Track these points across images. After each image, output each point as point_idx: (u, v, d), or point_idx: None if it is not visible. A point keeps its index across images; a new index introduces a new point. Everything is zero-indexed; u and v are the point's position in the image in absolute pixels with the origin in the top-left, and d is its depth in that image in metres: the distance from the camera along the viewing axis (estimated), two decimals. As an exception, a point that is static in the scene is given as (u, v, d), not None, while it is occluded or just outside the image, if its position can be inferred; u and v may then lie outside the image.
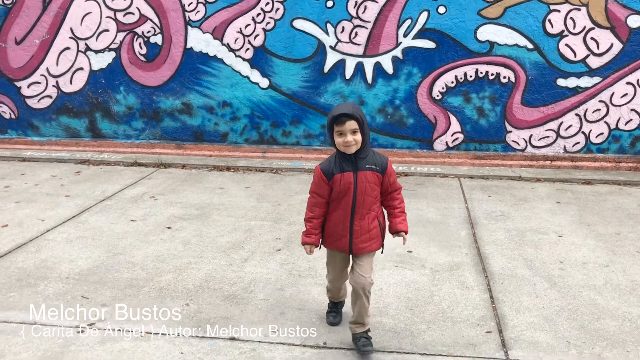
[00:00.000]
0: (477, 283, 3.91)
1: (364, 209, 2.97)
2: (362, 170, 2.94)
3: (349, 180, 2.93)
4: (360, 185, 2.93)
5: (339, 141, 2.88)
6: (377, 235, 3.06)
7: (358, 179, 2.93)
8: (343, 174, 2.93)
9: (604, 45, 6.51)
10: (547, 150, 6.92)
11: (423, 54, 6.77)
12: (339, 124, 2.84)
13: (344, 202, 2.96)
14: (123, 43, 7.22)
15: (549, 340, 3.22)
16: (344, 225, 3.00)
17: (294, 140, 7.29)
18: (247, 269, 4.12)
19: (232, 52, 7.05)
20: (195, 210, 5.36)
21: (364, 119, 2.89)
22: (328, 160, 3.03)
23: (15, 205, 5.44)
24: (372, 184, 2.96)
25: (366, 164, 2.95)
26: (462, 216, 5.24)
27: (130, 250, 4.45)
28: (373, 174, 2.96)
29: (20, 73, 7.51)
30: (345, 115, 2.81)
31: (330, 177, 2.96)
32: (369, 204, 2.98)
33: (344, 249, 3.05)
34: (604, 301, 3.67)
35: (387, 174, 3.01)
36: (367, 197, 2.95)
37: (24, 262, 4.21)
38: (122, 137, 7.60)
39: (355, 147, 2.88)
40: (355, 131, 2.84)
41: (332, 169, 2.96)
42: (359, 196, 2.94)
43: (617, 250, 4.49)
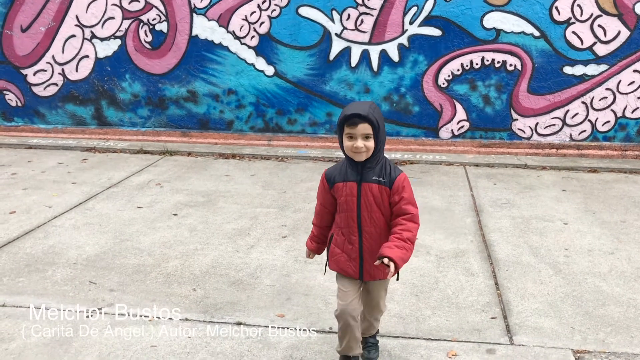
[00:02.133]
0: (482, 270, 3.92)
1: (373, 227, 2.53)
2: (367, 182, 2.49)
3: (352, 192, 2.52)
4: (364, 200, 2.51)
5: (347, 145, 2.44)
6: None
7: (362, 191, 2.50)
8: (346, 184, 2.53)
9: (611, 32, 6.47)
10: (553, 139, 6.90)
11: (429, 42, 6.75)
12: (351, 126, 2.40)
13: (349, 218, 2.55)
14: (128, 31, 7.22)
15: (553, 326, 3.24)
16: (352, 246, 2.58)
17: (300, 128, 7.29)
18: (253, 255, 4.14)
19: (238, 39, 7.04)
20: (201, 197, 5.39)
21: (381, 124, 2.45)
22: (335, 166, 2.65)
23: (22, 192, 5.48)
24: (378, 199, 2.50)
25: (373, 175, 2.50)
26: (468, 204, 5.25)
27: (137, 236, 4.48)
28: (379, 187, 2.49)
29: (26, 61, 7.52)
30: (359, 116, 2.38)
31: (331, 184, 2.58)
32: (379, 223, 2.52)
33: (353, 274, 2.61)
34: (609, 288, 3.68)
35: (393, 190, 2.49)
36: (375, 213, 2.51)
37: (32, 248, 4.24)
38: (128, 124, 7.62)
39: (365, 154, 2.44)
40: (368, 136, 2.41)
41: (335, 175, 2.58)
42: (364, 212, 2.51)
43: (623, 237, 4.49)
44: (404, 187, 2.50)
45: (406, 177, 2.53)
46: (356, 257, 2.58)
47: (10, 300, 3.49)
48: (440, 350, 3.00)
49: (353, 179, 2.52)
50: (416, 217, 2.51)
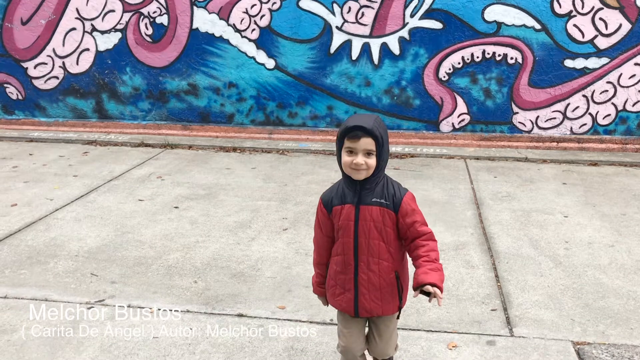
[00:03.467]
0: (482, 262, 3.93)
1: (371, 256, 2.27)
2: (366, 205, 2.24)
3: (349, 216, 2.26)
4: (362, 224, 2.24)
5: (346, 160, 2.19)
6: (392, 296, 2.34)
7: (360, 215, 2.24)
8: (343, 207, 2.27)
9: (612, 25, 6.45)
10: (554, 132, 6.90)
11: (430, 35, 6.73)
12: (352, 139, 2.16)
13: (345, 245, 2.29)
14: (129, 24, 7.21)
15: (553, 318, 3.25)
16: (346, 276, 2.31)
17: (300, 121, 7.29)
18: (254, 248, 4.16)
19: (238, 32, 7.03)
20: (202, 190, 5.40)
21: (386, 140, 2.21)
22: (331, 187, 2.37)
23: (24, 185, 5.49)
24: (379, 224, 2.24)
25: (373, 196, 2.23)
26: (468, 197, 5.25)
27: (139, 229, 4.49)
28: (381, 210, 2.23)
29: (27, 54, 7.51)
30: (363, 130, 2.13)
31: (329, 208, 2.31)
32: (379, 251, 2.26)
33: (347, 309, 2.35)
34: (609, 280, 3.69)
35: (401, 213, 2.23)
36: (374, 240, 2.25)
37: (34, 241, 4.26)
38: (129, 118, 7.62)
39: (365, 173, 2.19)
40: (370, 153, 2.16)
41: (332, 197, 2.31)
42: (362, 238, 2.25)
43: (623, 230, 4.50)
44: (413, 210, 2.25)
45: (413, 196, 2.29)
46: (350, 289, 2.31)
47: (12, 292, 3.50)
48: (441, 342, 3.01)
49: (350, 200, 2.26)
50: (433, 235, 2.28)
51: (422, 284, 2.13)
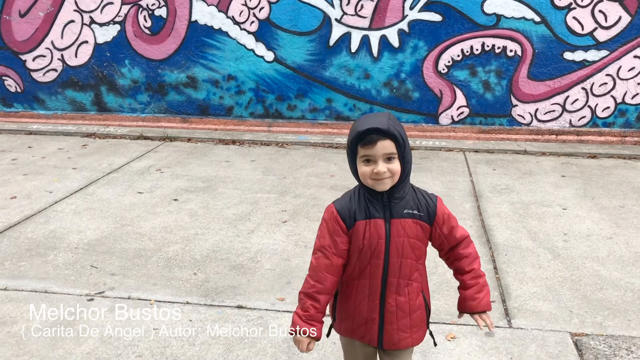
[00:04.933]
0: (481, 254, 3.92)
1: (402, 279, 1.95)
2: (398, 218, 1.91)
3: (379, 233, 1.90)
4: (395, 242, 1.91)
5: (365, 171, 1.87)
6: (422, 321, 2.04)
7: (392, 231, 1.90)
8: (369, 222, 1.91)
9: (612, 18, 6.44)
10: (553, 125, 6.90)
11: (429, 27, 6.72)
12: (367, 145, 1.84)
13: (371, 267, 1.93)
14: (128, 16, 7.19)
15: (551, 310, 3.27)
16: (371, 302, 1.96)
17: (299, 114, 7.29)
18: (254, 240, 4.16)
19: (237, 25, 7.02)
20: (201, 182, 5.40)
21: (406, 138, 1.90)
22: (346, 198, 1.99)
23: (23, 178, 5.49)
24: (413, 240, 1.93)
25: (405, 207, 1.93)
26: (467, 189, 5.26)
27: (138, 221, 4.50)
28: (415, 223, 1.93)
29: (25, 46, 7.49)
30: (378, 131, 1.82)
31: (351, 223, 1.93)
32: (409, 270, 1.96)
33: (371, 340, 2.02)
34: (607, 272, 3.71)
35: (438, 222, 1.96)
36: (406, 259, 1.93)
37: (33, 233, 4.26)
38: (128, 110, 7.61)
39: (390, 181, 1.87)
40: (391, 157, 1.85)
41: (354, 211, 1.93)
42: (394, 258, 1.91)
43: (621, 222, 4.51)
44: (448, 215, 1.99)
45: (441, 200, 2.02)
46: (375, 319, 1.97)
47: (12, 284, 3.51)
48: (440, 333, 3.03)
49: (379, 215, 1.91)
50: (469, 237, 2.05)
51: (474, 312, 1.96)
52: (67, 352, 2.87)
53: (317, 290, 1.94)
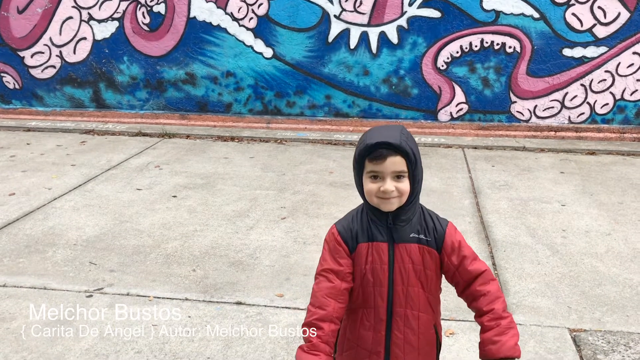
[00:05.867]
0: (480, 250, 3.95)
1: (409, 309, 1.79)
2: (402, 242, 1.77)
3: (381, 258, 1.77)
4: (399, 268, 1.77)
5: (371, 188, 1.72)
6: (431, 356, 1.87)
7: (396, 256, 1.77)
8: (372, 245, 1.78)
9: (611, 14, 6.44)
10: (552, 121, 6.90)
11: (428, 24, 6.71)
12: (376, 160, 1.70)
13: (374, 295, 1.79)
14: (126, 12, 7.17)
15: (550, 306, 3.27)
16: (376, 334, 1.80)
17: (298, 110, 7.28)
18: (253, 237, 4.17)
19: (236, 21, 7.00)
20: (200, 179, 5.40)
21: (418, 156, 1.74)
22: (348, 218, 1.86)
23: (21, 174, 5.49)
24: (419, 267, 1.78)
25: (410, 231, 1.78)
26: (466, 186, 5.27)
27: (137, 218, 4.50)
28: (421, 249, 1.78)
29: (23, 43, 7.48)
30: (389, 146, 1.68)
31: (353, 245, 1.80)
32: (418, 301, 1.79)
33: None
34: (605, 268, 3.71)
35: (446, 251, 1.79)
36: (413, 288, 1.78)
37: (32, 229, 4.26)
38: (126, 107, 7.60)
39: (397, 201, 1.73)
40: (401, 175, 1.71)
41: (356, 232, 1.80)
42: (398, 286, 1.77)
43: (620, 219, 4.51)
44: (459, 243, 1.80)
45: (455, 227, 1.84)
46: (380, 352, 1.81)
47: (11, 281, 3.51)
48: (438, 329, 3.03)
49: (382, 238, 1.77)
50: (490, 272, 1.81)
51: (494, 358, 1.70)
52: (66, 349, 2.87)
53: (318, 318, 1.72)
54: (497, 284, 1.80)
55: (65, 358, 2.80)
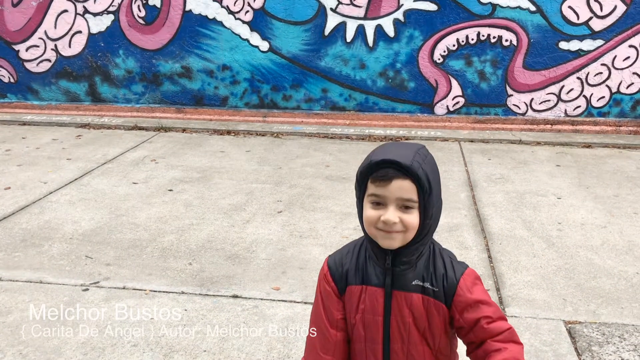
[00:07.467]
0: (475, 243, 3.96)
1: None
2: (402, 290, 1.45)
3: (374, 307, 1.46)
4: (397, 322, 1.46)
5: (370, 215, 1.40)
6: None
7: (393, 306, 1.45)
8: (364, 289, 1.48)
9: (607, 7, 6.43)
10: (548, 114, 6.90)
11: (425, 17, 6.70)
12: (379, 181, 1.38)
13: (366, 354, 1.50)
14: (121, 6, 7.14)
15: (545, 298, 3.28)
16: None
17: (295, 104, 7.27)
18: (249, 230, 4.16)
19: (232, 14, 6.98)
20: (196, 173, 5.39)
21: (434, 184, 1.42)
22: (343, 250, 1.57)
23: (17, 169, 5.47)
24: (422, 322, 1.45)
25: (414, 277, 1.45)
26: (462, 179, 5.27)
27: (133, 212, 4.49)
28: (425, 300, 1.45)
29: (18, 36, 7.44)
30: (397, 166, 1.37)
31: (342, 286, 1.52)
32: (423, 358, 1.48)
33: None
34: (601, 261, 3.73)
35: (457, 307, 1.44)
36: (416, 346, 1.46)
37: (28, 223, 4.25)
38: (122, 101, 7.58)
39: (401, 237, 1.40)
40: (409, 204, 1.38)
41: (346, 269, 1.51)
42: (396, 344, 1.46)
43: (615, 211, 4.53)
44: (477, 301, 1.43)
45: (475, 276, 1.48)
46: None
47: (7, 275, 3.51)
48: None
49: (377, 281, 1.46)
50: (515, 332, 1.44)
51: None
52: (62, 342, 2.87)
53: None
54: (522, 349, 1.41)
55: (61, 351, 2.80)
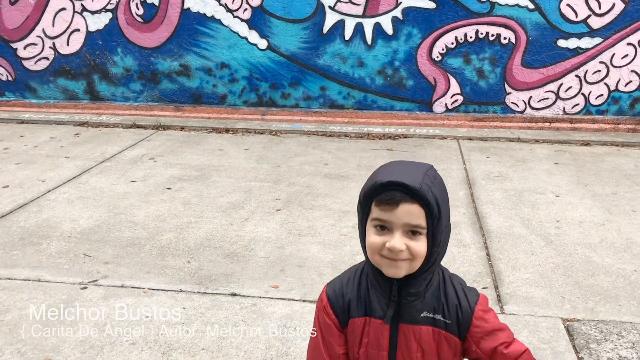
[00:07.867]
0: (474, 241, 3.96)
1: None
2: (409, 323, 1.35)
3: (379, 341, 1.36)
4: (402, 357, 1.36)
5: (374, 242, 1.29)
6: None
7: (400, 341, 1.35)
8: (368, 321, 1.37)
9: (605, 5, 6.43)
10: (547, 112, 6.91)
11: (423, 14, 6.70)
12: (384, 204, 1.27)
13: None
14: (119, 4, 7.12)
15: (543, 296, 3.29)
16: None
17: (293, 102, 7.26)
18: (247, 228, 4.16)
19: (230, 12, 6.97)
20: (194, 171, 5.39)
21: (443, 208, 1.32)
22: (343, 278, 1.46)
23: (15, 167, 5.46)
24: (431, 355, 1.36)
25: (423, 309, 1.34)
26: (461, 177, 5.27)
27: (131, 210, 4.49)
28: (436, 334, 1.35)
29: (16, 34, 7.42)
30: (404, 188, 1.27)
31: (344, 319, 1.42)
32: None
33: None
34: (599, 258, 3.73)
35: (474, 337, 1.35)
36: None
37: (26, 222, 4.25)
38: (121, 99, 7.57)
39: (407, 266, 1.28)
40: (416, 231, 1.27)
41: (348, 301, 1.40)
42: None
43: (613, 209, 4.53)
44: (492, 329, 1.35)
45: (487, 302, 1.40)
46: None
47: (5, 273, 3.50)
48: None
49: (380, 313, 1.35)
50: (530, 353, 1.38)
51: None
52: (60, 340, 2.87)
53: None
54: None
55: (60, 350, 2.80)
